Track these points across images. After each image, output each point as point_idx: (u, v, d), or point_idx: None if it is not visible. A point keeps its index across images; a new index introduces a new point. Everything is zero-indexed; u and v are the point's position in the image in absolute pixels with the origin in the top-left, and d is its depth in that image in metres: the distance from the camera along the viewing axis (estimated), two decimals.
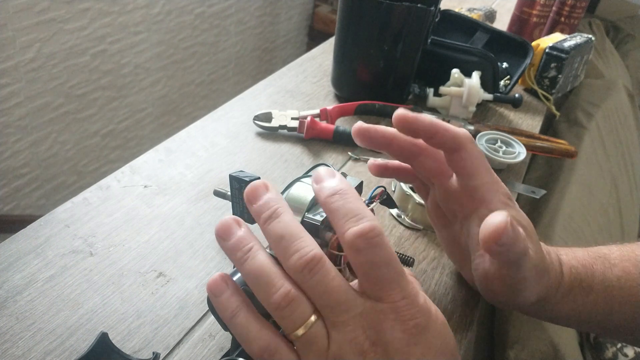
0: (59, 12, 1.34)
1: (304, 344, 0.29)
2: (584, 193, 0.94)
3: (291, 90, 0.76)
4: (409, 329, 0.28)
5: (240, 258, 0.30)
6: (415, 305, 0.29)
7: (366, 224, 0.28)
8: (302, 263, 0.28)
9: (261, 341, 0.29)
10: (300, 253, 0.28)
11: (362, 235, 0.28)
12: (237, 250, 0.30)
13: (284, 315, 0.28)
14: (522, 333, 0.60)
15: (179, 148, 0.60)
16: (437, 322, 0.30)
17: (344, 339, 0.28)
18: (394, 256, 0.29)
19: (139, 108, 1.74)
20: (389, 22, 0.66)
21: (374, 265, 0.28)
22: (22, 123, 1.38)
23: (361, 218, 0.28)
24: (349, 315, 0.28)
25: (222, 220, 0.31)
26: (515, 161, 0.62)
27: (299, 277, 0.28)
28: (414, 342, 0.28)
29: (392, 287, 0.28)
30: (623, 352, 0.76)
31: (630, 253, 0.42)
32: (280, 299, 0.28)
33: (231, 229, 0.31)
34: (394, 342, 0.28)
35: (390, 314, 0.28)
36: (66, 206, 0.49)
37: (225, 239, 0.31)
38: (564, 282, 0.40)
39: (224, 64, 2.06)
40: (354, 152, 0.64)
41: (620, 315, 0.40)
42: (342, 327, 0.28)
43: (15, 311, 0.39)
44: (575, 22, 1.00)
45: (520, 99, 0.76)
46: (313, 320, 0.28)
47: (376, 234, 0.28)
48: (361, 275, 0.29)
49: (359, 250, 0.28)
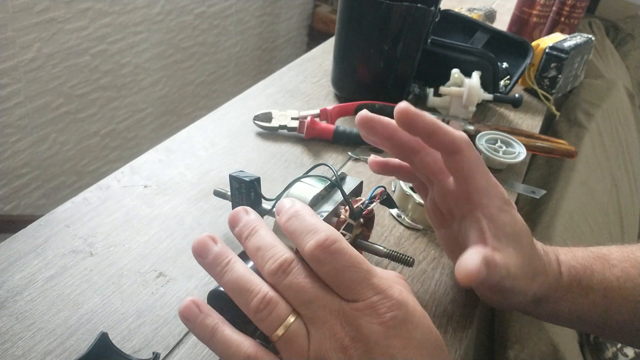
0: (59, 12, 1.34)
1: (285, 344, 0.29)
2: (584, 193, 0.94)
3: (291, 90, 0.76)
4: (386, 321, 0.29)
5: (219, 272, 0.31)
6: (390, 298, 0.29)
7: (321, 235, 0.30)
8: (276, 266, 0.30)
9: (242, 353, 0.29)
10: (273, 258, 0.30)
11: (318, 246, 0.29)
12: (216, 265, 0.31)
13: (263, 317, 0.29)
14: (522, 333, 0.60)
15: (179, 148, 0.60)
16: (415, 315, 0.30)
17: (323, 336, 0.29)
18: (358, 258, 0.30)
19: (139, 108, 1.74)
20: (389, 22, 0.66)
21: (338, 272, 0.29)
22: (22, 123, 1.38)
23: (316, 231, 0.30)
24: (325, 312, 0.29)
25: (198, 239, 0.32)
26: (515, 161, 0.62)
27: (274, 280, 0.30)
28: (392, 334, 0.29)
29: (362, 287, 0.29)
30: (623, 352, 0.76)
31: (630, 254, 0.42)
32: (259, 302, 0.29)
33: (207, 246, 0.32)
34: (372, 335, 0.28)
35: (366, 310, 0.29)
36: (66, 206, 0.49)
37: (203, 256, 0.32)
38: (563, 281, 0.40)
39: (224, 64, 2.06)
40: (354, 152, 0.64)
41: (619, 315, 0.40)
42: (320, 324, 0.29)
43: (15, 311, 0.39)
44: (575, 22, 1.00)
45: (520, 99, 0.76)
46: (292, 320, 0.29)
47: (332, 242, 0.29)
48: (330, 283, 0.30)
49: (320, 260, 0.29)
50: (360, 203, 0.41)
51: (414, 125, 0.36)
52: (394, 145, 0.39)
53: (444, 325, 0.43)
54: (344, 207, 0.40)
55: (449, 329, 0.43)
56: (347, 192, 0.41)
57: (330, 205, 0.39)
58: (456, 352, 0.41)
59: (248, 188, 0.44)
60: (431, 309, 0.44)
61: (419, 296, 0.45)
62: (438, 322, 0.43)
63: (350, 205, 0.40)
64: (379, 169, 0.44)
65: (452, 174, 0.38)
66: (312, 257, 0.30)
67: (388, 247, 0.41)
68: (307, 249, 0.30)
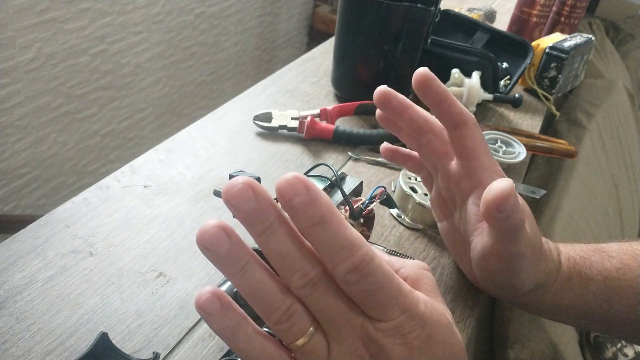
0: (59, 12, 1.34)
1: (304, 354, 0.28)
2: (584, 193, 0.94)
3: (291, 90, 0.76)
4: (410, 342, 0.28)
5: (235, 273, 0.27)
6: (415, 317, 0.28)
7: (357, 257, 0.26)
8: (305, 282, 0.27)
9: (265, 357, 0.28)
10: (302, 272, 0.27)
11: (353, 269, 0.26)
12: (232, 264, 0.27)
13: (283, 330, 0.28)
14: (522, 333, 0.60)
15: (179, 148, 0.60)
16: (439, 328, 0.29)
17: (344, 351, 0.28)
18: (388, 276, 0.27)
19: (139, 108, 1.74)
20: (389, 22, 0.66)
21: (369, 293, 0.27)
22: (22, 123, 1.37)
23: (351, 249, 0.26)
24: (349, 328, 0.28)
25: (205, 227, 0.26)
26: (515, 161, 0.62)
27: (300, 292, 0.27)
28: (416, 354, 0.28)
29: (391, 307, 0.28)
30: (623, 352, 0.76)
31: (629, 247, 0.43)
32: (281, 315, 0.27)
33: (219, 239, 0.26)
34: (394, 356, 0.28)
35: (390, 330, 0.28)
36: (66, 206, 0.49)
37: (213, 249, 0.26)
38: (562, 270, 0.41)
39: (224, 64, 2.06)
40: (354, 152, 0.64)
41: (620, 307, 0.40)
42: (342, 339, 0.28)
43: (15, 311, 0.39)
44: (575, 22, 1.00)
45: (520, 99, 0.76)
46: (313, 331, 0.28)
47: (367, 263, 0.26)
48: (358, 302, 0.28)
49: (351, 283, 0.27)
50: (360, 203, 0.41)
51: (429, 87, 0.38)
52: (405, 121, 0.41)
53: None
54: (344, 207, 0.40)
55: None
56: (347, 192, 0.41)
57: None
58: None
59: None
60: None
61: None
62: None
63: (350, 205, 0.40)
64: (390, 155, 0.46)
65: (456, 152, 0.39)
66: (342, 280, 0.27)
67: (388, 247, 0.41)
68: (340, 271, 0.26)
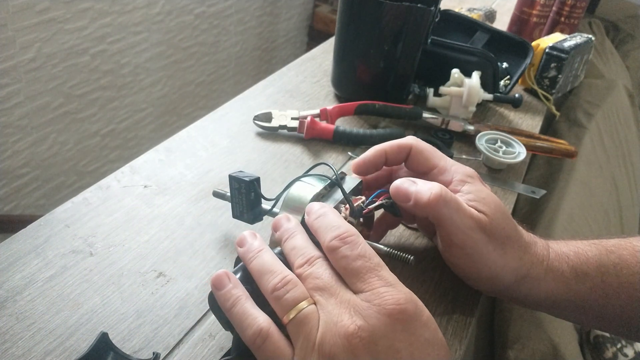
0: (59, 12, 1.34)
1: (295, 326, 0.31)
2: (584, 193, 0.94)
3: (291, 90, 0.76)
4: (395, 314, 0.29)
5: (250, 258, 0.35)
6: (399, 291, 0.30)
7: (340, 229, 0.33)
8: (304, 260, 0.33)
9: (255, 327, 0.31)
10: (304, 255, 0.34)
11: (336, 237, 0.33)
12: (249, 252, 0.35)
13: (279, 296, 0.32)
14: (522, 333, 0.60)
15: (179, 148, 0.60)
16: (424, 313, 0.31)
17: (330, 322, 0.30)
18: (369, 251, 0.32)
19: (139, 108, 1.74)
20: (389, 22, 0.66)
21: (349, 259, 0.32)
22: (22, 123, 1.37)
23: (338, 227, 0.34)
24: (337, 300, 0.30)
25: (243, 234, 0.37)
26: (515, 161, 0.62)
27: (300, 270, 0.33)
28: (399, 328, 0.29)
29: (370, 277, 0.31)
30: (623, 352, 0.76)
31: (627, 243, 0.42)
32: (278, 281, 0.32)
33: (245, 239, 0.36)
34: (378, 326, 0.29)
35: (375, 299, 0.30)
36: (66, 206, 0.49)
37: (240, 245, 0.36)
38: (552, 264, 0.41)
39: (224, 64, 2.06)
40: (354, 152, 0.64)
41: (616, 302, 0.40)
42: (330, 309, 0.30)
43: (15, 311, 0.39)
44: (575, 22, 1.00)
45: (520, 99, 0.76)
46: (305, 305, 0.31)
47: (348, 235, 0.33)
48: (342, 272, 0.32)
49: (334, 249, 0.32)
50: (360, 202, 0.41)
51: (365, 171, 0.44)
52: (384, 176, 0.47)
53: (444, 325, 0.43)
54: (344, 205, 0.40)
55: (449, 329, 0.43)
56: (347, 191, 0.41)
57: (331, 204, 0.39)
58: (456, 352, 0.41)
59: (248, 188, 0.44)
60: (431, 309, 0.44)
61: (419, 296, 0.45)
62: (438, 322, 0.42)
63: (351, 203, 0.40)
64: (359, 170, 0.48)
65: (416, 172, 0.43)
66: (329, 248, 0.33)
67: (388, 247, 0.41)
68: (327, 241, 0.33)
